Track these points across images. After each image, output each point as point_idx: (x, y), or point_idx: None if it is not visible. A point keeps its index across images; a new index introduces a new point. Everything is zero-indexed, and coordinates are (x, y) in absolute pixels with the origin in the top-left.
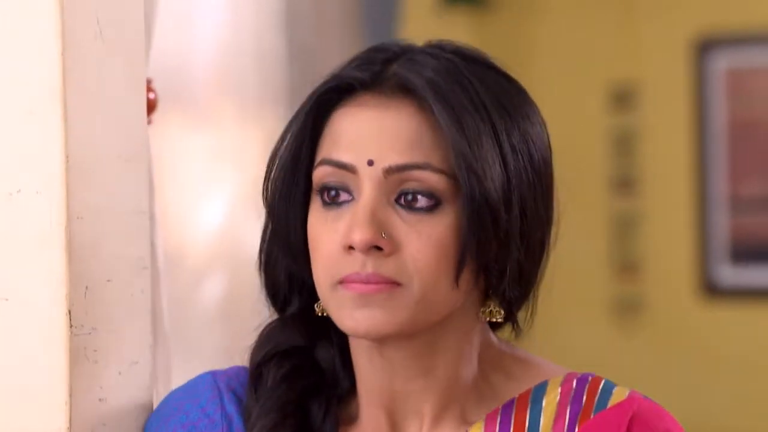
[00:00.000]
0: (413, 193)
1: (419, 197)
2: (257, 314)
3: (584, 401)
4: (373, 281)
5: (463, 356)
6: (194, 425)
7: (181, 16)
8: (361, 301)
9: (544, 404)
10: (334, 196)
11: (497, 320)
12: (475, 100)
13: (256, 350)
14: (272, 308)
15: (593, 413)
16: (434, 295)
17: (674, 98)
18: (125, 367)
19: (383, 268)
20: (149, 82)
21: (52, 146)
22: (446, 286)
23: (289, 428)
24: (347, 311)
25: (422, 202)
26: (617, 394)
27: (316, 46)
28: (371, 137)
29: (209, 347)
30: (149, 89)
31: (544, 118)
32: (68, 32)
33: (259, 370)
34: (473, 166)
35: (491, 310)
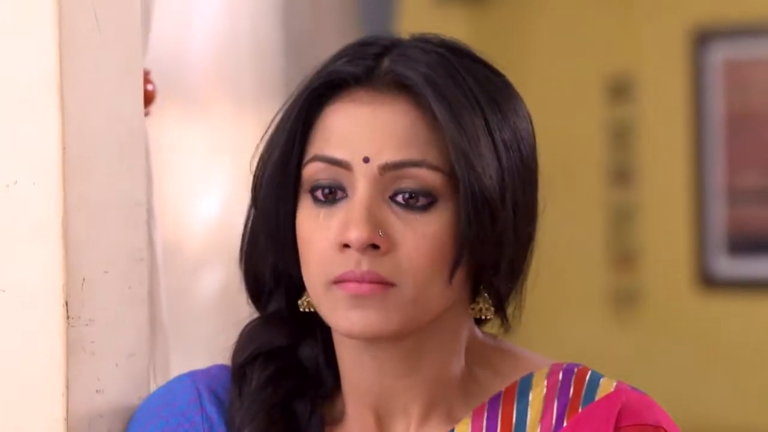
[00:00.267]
0: (410, 191)
1: (416, 196)
2: None
3: (571, 393)
4: (367, 279)
5: (451, 354)
6: (174, 430)
7: (178, 7)
8: (355, 301)
9: (530, 398)
10: (327, 193)
11: (488, 317)
12: (468, 95)
13: (238, 351)
14: (253, 306)
15: (581, 406)
16: (428, 294)
17: (672, 90)
18: (122, 358)
19: (378, 266)
20: (147, 73)
21: (48, 138)
22: (440, 284)
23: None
24: (341, 312)
25: (418, 200)
26: (604, 385)
27: (313, 38)
28: (366, 134)
29: (207, 339)
30: (147, 81)
31: (530, 112)
32: (65, 24)
33: (242, 371)
34: (473, 162)
35: (482, 306)
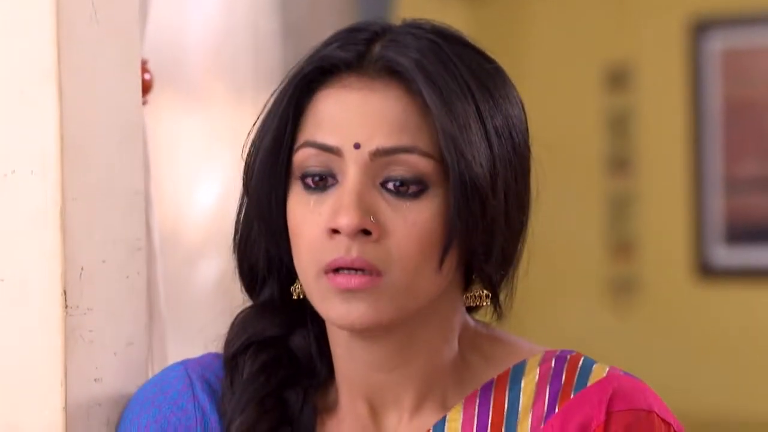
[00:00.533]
0: (401, 179)
1: (406, 183)
2: None
3: (563, 379)
4: (357, 265)
5: (444, 342)
6: (167, 419)
7: None
8: (345, 294)
9: (523, 384)
10: (317, 180)
11: (482, 304)
12: (460, 82)
13: (230, 340)
14: (246, 294)
15: (573, 392)
16: (418, 281)
17: (670, 79)
18: (120, 347)
19: (368, 253)
20: (144, 62)
21: (47, 127)
22: (430, 272)
23: (268, 422)
24: (331, 303)
25: (409, 188)
26: (597, 371)
27: (310, 26)
28: (357, 119)
29: (205, 327)
30: (144, 70)
31: (529, 101)
32: (63, 14)
33: (234, 360)
34: (463, 150)
35: (476, 294)
